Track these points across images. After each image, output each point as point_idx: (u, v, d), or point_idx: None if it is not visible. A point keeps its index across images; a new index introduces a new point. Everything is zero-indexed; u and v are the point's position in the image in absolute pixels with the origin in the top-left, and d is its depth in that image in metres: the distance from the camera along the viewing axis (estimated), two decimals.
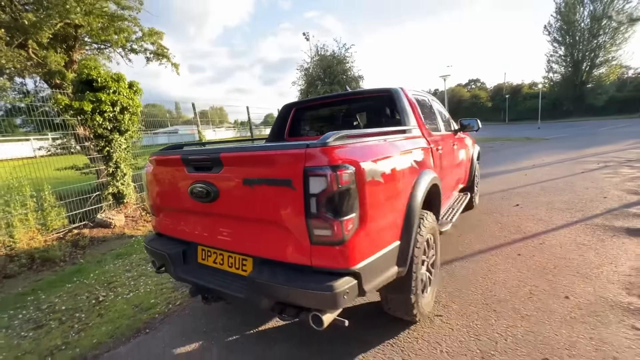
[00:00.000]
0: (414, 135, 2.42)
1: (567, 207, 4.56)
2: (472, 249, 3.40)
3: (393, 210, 1.71)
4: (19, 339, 2.33)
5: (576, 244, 3.33)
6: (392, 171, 1.70)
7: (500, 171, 7.98)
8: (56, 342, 2.26)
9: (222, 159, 1.62)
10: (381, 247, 1.61)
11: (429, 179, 2.10)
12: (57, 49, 6.14)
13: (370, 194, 1.49)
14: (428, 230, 2.13)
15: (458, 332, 2.09)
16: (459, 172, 3.97)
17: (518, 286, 2.59)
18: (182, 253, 1.98)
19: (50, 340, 2.28)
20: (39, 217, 4.43)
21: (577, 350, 1.85)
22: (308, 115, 3.52)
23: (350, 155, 1.44)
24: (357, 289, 1.45)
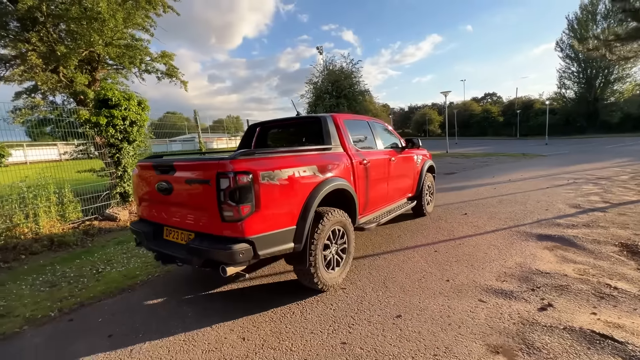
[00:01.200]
0: (332, 152, 3.21)
1: (506, 217, 5.18)
2: (401, 245, 4.09)
3: (289, 203, 2.49)
4: (39, 292, 3.21)
5: (488, 244, 3.99)
6: (289, 177, 2.49)
7: (474, 184, 8.56)
8: (64, 294, 3.12)
9: (174, 166, 2.47)
10: (276, 228, 2.39)
11: (331, 185, 2.87)
12: (82, 70, 7.30)
13: (264, 191, 2.29)
14: (333, 223, 2.89)
15: (350, 299, 2.81)
16: (402, 182, 4.69)
17: (416, 272, 3.29)
18: (152, 231, 2.82)
19: (60, 294, 3.15)
20: (59, 209, 5.41)
21: (426, 311, 2.55)
22: (269, 133, 4.36)
23: (250, 165, 2.24)
24: (252, 252, 2.23)
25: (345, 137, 3.49)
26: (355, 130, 3.92)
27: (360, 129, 4.04)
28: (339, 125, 3.51)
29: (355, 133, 3.87)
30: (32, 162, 8.02)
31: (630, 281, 2.86)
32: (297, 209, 2.57)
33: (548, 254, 3.60)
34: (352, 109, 27.79)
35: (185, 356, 2.14)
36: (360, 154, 3.61)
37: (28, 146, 5.92)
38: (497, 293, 2.78)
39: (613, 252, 3.55)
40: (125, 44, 6.71)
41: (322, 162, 2.92)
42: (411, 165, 4.91)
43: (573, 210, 5.39)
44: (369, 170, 3.70)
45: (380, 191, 4.01)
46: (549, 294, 2.71)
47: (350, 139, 3.60)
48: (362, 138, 3.98)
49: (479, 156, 17.48)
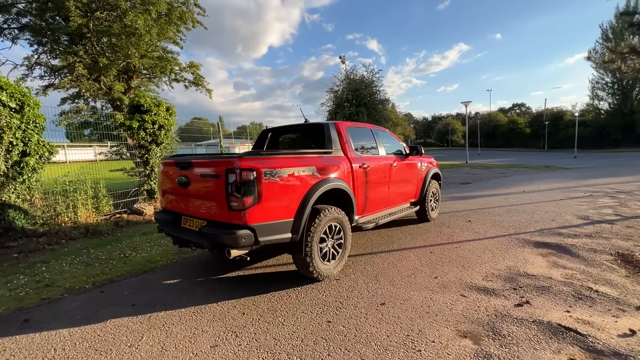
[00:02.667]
0: (332, 156, 3.55)
1: (509, 225, 5.27)
2: (399, 246, 4.33)
3: (288, 198, 2.85)
4: (76, 269, 3.74)
5: (484, 249, 4.14)
6: (289, 175, 2.85)
7: (486, 194, 8.58)
8: (97, 272, 3.63)
9: (192, 163, 2.90)
10: (275, 219, 2.75)
11: (328, 185, 3.20)
12: (119, 79, 8.12)
13: (266, 186, 2.66)
14: (329, 219, 3.21)
15: (342, 287, 3.11)
16: (405, 187, 4.94)
17: (408, 269, 3.52)
18: (172, 219, 3.25)
19: (94, 271, 3.65)
20: (95, 203, 6.07)
21: (409, 301, 2.80)
22: (280, 138, 4.77)
23: (254, 163, 2.62)
24: (253, 237, 2.60)
25: (346, 143, 3.82)
26: (358, 137, 4.24)
27: (363, 136, 4.35)
28: (341, 132, 3.85)
29: (358, 139, 4.19)
30: (71, 161, 8.91)
31: (613, 286, 2.97)
32: (296, 204, 2.91)
33: (540, 259, 3.72)
34: (371, 118, 27.97)
35: (193, 324, 2.52)
36: (360, 158, 3.92)
37: (68, 146, 6.68)
38: (479, 290, 2.98)
39: (607, 260, 3.62)
40: (158, 55, 7.46)
41: (321, 164, 3.27)
42: (414, 171, 5.15)
43: (580, 221, 5.39)
44: (369, 174, 3.99)
45: (380, 194, 4.28)
46: (529, 293, 2.88)
47: (352, 145, 3.92)
48: (364, 144, 4.30)
49: (499, 167, 17.17)
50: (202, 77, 10.07)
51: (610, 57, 7.62)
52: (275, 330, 2.40)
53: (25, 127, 4.51)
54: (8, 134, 4.25)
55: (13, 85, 4.37)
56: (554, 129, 44.04)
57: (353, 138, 4.05)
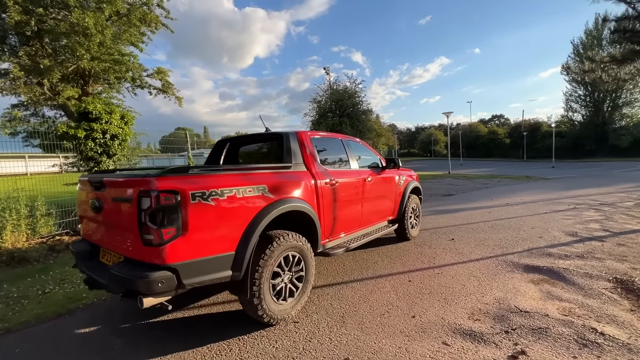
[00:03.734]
0: (291, 171, 3.00)
1: (495, 244, 4.83)
2: (374, 273, 3.78)
3: (227, 226, 2.26)
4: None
5: (469, 275, 3.65)
6: (228, 197, 2.26)
7: (470, 207, 8.21)
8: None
9: (104, 182, 2.27)
10: (208, 253, 2.15)
11: (284, 207, 2.64)
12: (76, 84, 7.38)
13: (194, 213, 2.06)
14: (285, 248, 2.64)
15: (299, 335, 2.51)
16: (381, 204, 4.43)
17: (382, 305, 2.97)
18: (89, 252, 2.60)
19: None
20: (31, 223, 5.26)
21: (379, 354, 2.23)
22: (240, 150, 4.19)
23: (178, 183, 2.04)
24: (175, 280, 1.99)
25: (310, 156, 3.28)
26: (326, 148, 3.73)
27: (332, 148, 3.84)
28: (304, 142, 3.32)
29: (326, 152, 3.68)
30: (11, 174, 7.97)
31: (620, 325, 2.51)
32: (238, 233, 2.33)
33: (532, 288, 3.25)
34: (354, 128, 27.85)
35: None
36: (327, 173, 3.39)
37: (4, 158, 5.88)
38: (465, 335, 2.45)
39: (605, 288, 3.18)
40: (113, 59, 6.80)
41: (275, 182, 2.71)
42: (392, 186, 4.66)
43: (569, 238, 5.02)
44: (338, 191, 3.46)
45: (352, 214, 3.75)
46: (524, 338, 2.37)
47: (318, 158, 3.39)
48: (333, 157, 3.78)
49: (482, 178, 17.09)
50: (170, 84, 9.41)
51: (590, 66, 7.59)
52: None
53: None
54: None
55: None
56: (532, 140, 45.27)
57: (319, 150, 3.53)
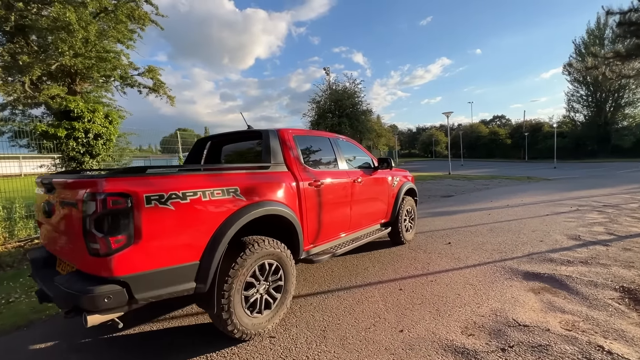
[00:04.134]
0: (270, 172, 2.76)
1: (494, 249, 4.58)
2: (363, 280, 3.54)
3: (190, 233, 2.02)
4: None
5: (464, 283, 3.40)
6: (192, 201, 2.03)
7: (469, 209, 7.96)
8: None
9: (54, 184, 2.04)
10: (167, 264, 1.91)
11: (258, 210, 2.40)
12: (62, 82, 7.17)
13: (150, 218, 1.83)
14: (260, 256, 2.40)
15: (274, 353, 2.27)
16: (373, 206, 4.19)
17: (368, 317, 2.73)
18: (44, 259, 2.37)
19: None
20: (9, 226, 5.04)
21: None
22: (223, 148, 3.95)
23: (130, 185, 1.80)
24: (125, 295, 1.75)
25: (292, 155, 3.05)
26: (312, 148, 3.50)
27: (318, 147, 3.61)
28: (286, 141, 3.08)
29: (311, 151, 3.45)
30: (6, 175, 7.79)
31: (629, 342, 2.26)
32: (204, 240, 2.09)
33: (533, 298, 3.00)
34: (354, 129, 27.68)
35: None
36: (311, 174, 3.15)
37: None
38: (457, 353, 2.20)
39: (612, 298, 2.93)
40: (98, 56, 6.58)
41: (250, 183, 2.47)
42: (384, 187, 4.42)
43: (571, 242, 4.76)
44: (324, 193, 3.23)
45: (339, 217, 3.51)
46: (522, 357, 2.12)
47: (301, 158, 3.16)
48: (320, 157, 3.55)
49: (482, 179, 16.82)
50: (162, 83, 9.21)
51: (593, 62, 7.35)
52: None
53: None
54: None
55: None
56: (533, 140, 44.98)
57: (304, 149, 3.31)
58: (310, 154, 3.39)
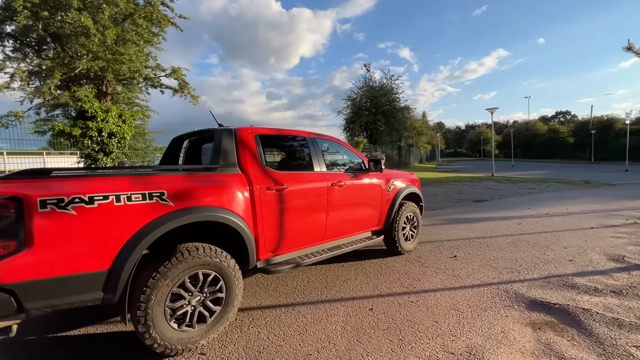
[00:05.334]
0: (216, 174, 2.57)
1: (506, 266, 3.93)
2: (335, 295, 3.20)
3: (97, 240, 1.89)
4: None
5: (450, 307, 2.91)
6: (100, 205, 1.90)
7: (498, 217, 7.09)
8: None
9: None
10: (66, 272, 1.80)
11: (188, 216, 2.22)
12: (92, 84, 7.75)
13: (45, 224, 1.73)
14: (191, 265, 2.22)
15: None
16: (358, 213, 3.83)
17: (316, 342, 2.41)
18: None
19: None
20: None
21: None
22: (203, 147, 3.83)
23: (22, 189, 1.71)
24: (13, 303, 1.67)
25: (249, 156, 2.82)
26: (281, 148, 3.26)
27: (290, 148, 3.35)
28: (243, 141, 2.86)
29: (279, 152, 3.21)
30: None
31: None
32: (114, 248, 1.95)
33: (528, 335, 2.44)
34: (389, 126, 26.72)
35: None
36: (273, 177, 2.90)
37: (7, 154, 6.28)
38: None
39: (637, 346, 2.27)
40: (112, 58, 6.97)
41: (182, 187, 2.29)
42: (375, 192, 4.00)
43: (610, 264, 3.92)
44: (288, 198, 2.96)
45: (310, 224, 3.22)
46: None
47: (262, 159, 2.92)
48: (290, 158, 3.29)
49: (529, 182, 15.12)
50: (187, 83, 9.55)
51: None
52: None
53: None
54: None
55: None
56: (602, 139, 39.69)
57: (269, 150, 3.07)
58: (277, 155, 3.14)
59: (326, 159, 3.60)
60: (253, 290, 3.34)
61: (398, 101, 27.67)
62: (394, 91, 27.56)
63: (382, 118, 26.01)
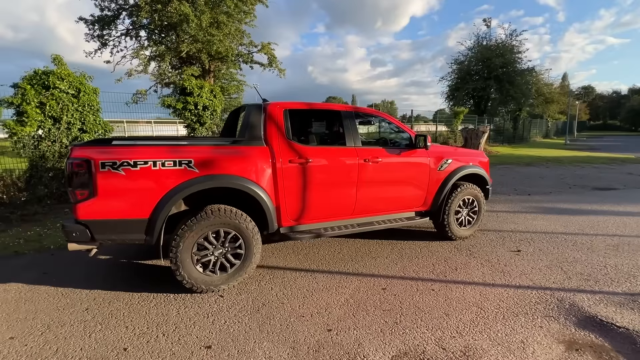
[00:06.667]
0: (240, 146, 2.87)
1: (584, 272, 3.20)
2: (359, 269, 3.26)
3: (139, 195, 2.46)
4: None
5: (473, 304, 2.63)
6: (142, 168, 2.43)
7: (616, 211, 5.55)
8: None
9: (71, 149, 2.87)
10: (119, 216, 2.43)
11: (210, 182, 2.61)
12: (199, 64, 9.16)
13: (104, 180, 2.35)
14: (213, 223, 2.65)
15: (210, 308, 2.55)
16: (397, 191, 3.66)
17: (314, 307, 2.58)
18: None
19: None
20: None
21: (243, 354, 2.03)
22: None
23: (89, 153, 2.35)
24: (88, 234, 2.38)
25: (275, 130, 3.02)
26: (310, 123, 3.32)
27: (321, 122, 3.39)
28: (272, 116, 3.05)
29: (308, 127, 3.29)
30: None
31: None
32: (152, 202, 2.50)
33: (553, 354, 2.05)
34: (502, 93, 22.76)
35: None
36: (297, 151, 3.05)
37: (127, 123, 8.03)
38: None
39: None
40: (206, 39, 7.96)
41: (207, 156, 2.68)
42: (420, 170, 3.71)
43: None
44: (313, 172, 3.10)
45: (336, 198, 3.29)
46: None
47: (288, 134, 3.09)
48: (319, 133, 3.34)
49: None
50: (274, 58, 10.26)
51: None
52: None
53: (81, 110, 5.64)
54: (67, 115, 5.41)
55: (72, 74, 5.49)
56: None
57: (298, 125, 3.20)
58: (306, 129, 3.24)
59: (364, 134, 3.50)
60: (285, 253, 3.68)
61: (519, 62, 23.03)
62: (515, 50, 22.95)
63: (495, 83, 22.26)
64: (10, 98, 5.04)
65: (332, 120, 3.43)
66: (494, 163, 11.80)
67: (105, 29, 9.20)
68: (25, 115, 5.07)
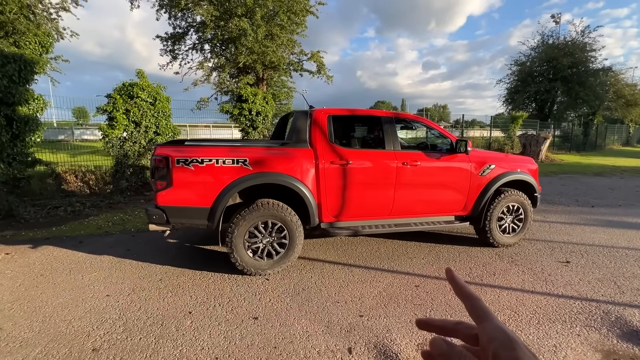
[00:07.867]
0: (287, 148, 3.24)
1: (634, 287, 2.99)
2: (395, 266, 3.42)
3: (204, 187, 2.93)
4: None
5: (508, 308, 2.65)
6: (207, 165, 2.90)
7: None
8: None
9: None
10: (189, 204, 2.93)
11: (260, 178, 3.00)
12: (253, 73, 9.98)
13: (178, 173, 2.87)
14: (262, 215, 3.05)
15: (256, 289, 2.93)
16: (433, 194, 3.74)
17: (347, 296, 2.82)
18: None
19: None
20: None
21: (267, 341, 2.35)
22: None
23: (167, 151, 2.87)
24: (164, 217, 2.91)
25: (319, 134, 3.34)
26: (352, 128, 3.58)
27: (362, 127, 3.62)
28: (317, 121, 3.38)
29: (350, 131, 3.55)
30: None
31: None
32: (214, 193, 2.96)
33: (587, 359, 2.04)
34: (570, 96, 20.68)
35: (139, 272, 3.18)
36: (338, 153, 3.33)
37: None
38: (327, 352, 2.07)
39: None
40: (260, 51, 8.63)
41: (260, 156, 3.08)
42: (460, 174, 3.74)
43: None
44: (352, 173, 3.36)
45: (374, 198, 3.49)
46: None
47: (331, 137, 3.38)
48: (360, 137, 3.58)
49: None
50: (323, 65, 10.72)
51: None
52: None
53: (156, 115, 6.56)
54: (146, 120, 6.36)
55: (151, 85, 6.43)
56: None
57: (340, 129, 3.48)
58: (347, 134, 3.50)
59: (404, 138, 3.66)
60: (325, 248, 3.96)
61: (592, 61, 20.76)
62: (587, 47, 20.73)
63: (562, 85, 20.32)
64: (105, 106, 6.09)
65: (372, 125, 3.65)
66: (555, 172, 10.89)
67: (176, 44, 10.52)
68: (115, 120, 6.09)
